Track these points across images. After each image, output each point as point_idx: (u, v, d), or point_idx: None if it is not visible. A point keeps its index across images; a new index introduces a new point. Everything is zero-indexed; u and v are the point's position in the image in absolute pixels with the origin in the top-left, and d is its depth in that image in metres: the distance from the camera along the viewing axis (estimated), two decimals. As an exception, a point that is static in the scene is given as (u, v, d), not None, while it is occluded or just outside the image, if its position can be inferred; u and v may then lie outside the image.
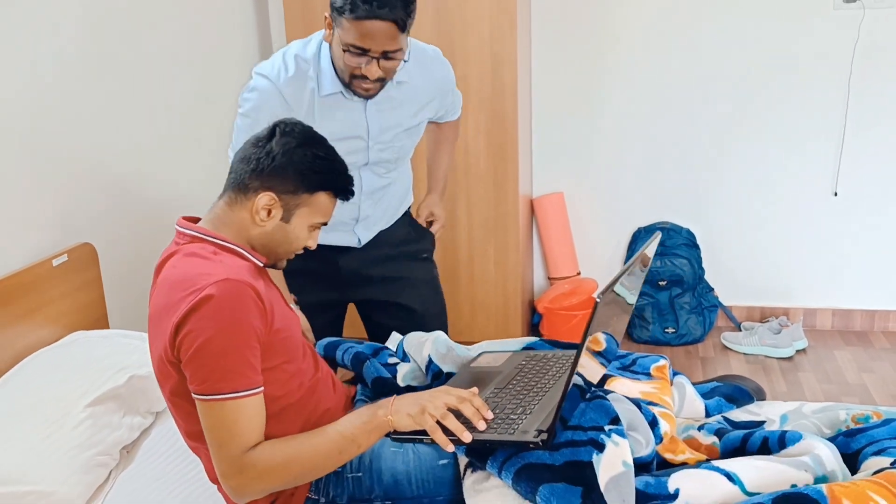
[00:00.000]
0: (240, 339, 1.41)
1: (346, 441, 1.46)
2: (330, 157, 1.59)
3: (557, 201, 3.85)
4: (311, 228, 1.61)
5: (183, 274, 1.47)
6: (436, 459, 1.52)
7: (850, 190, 3.64)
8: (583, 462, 1.41)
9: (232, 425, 1.41)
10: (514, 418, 1.50)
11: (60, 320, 2.19)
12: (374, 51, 1.84)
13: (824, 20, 3.48)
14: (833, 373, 3.42)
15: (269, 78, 1.98)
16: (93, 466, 1.74)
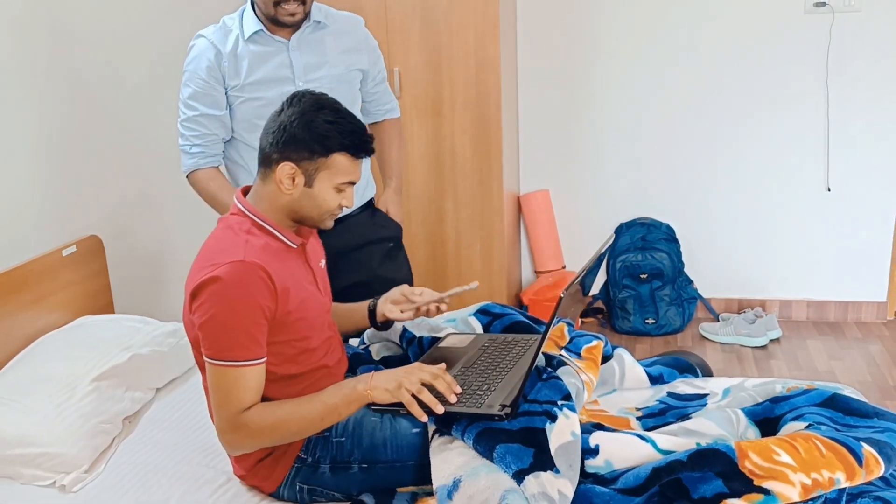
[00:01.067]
0: (244, 316, 1.60)
1: (328, 409, 1.66)
2: (340, 120, 1.69)
3: (543, 198, 4.03)
4: (337, 189, 1.72)
5: (210, 248, 1.68)
6: (409, 428, 1.71)
7: (828, 186, 3.79)
8: (537, 429, 1.59)
9: (231, 389, 1.61)
10: (479, 394, 1.69)
11: (69, 306, 2.39)
12: None
13: (796, 24, 3.65)
14: (804, 361, 3.59)
15: (203, 34, 2.27)
16: (97, 433, 1.94)
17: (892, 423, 1.69)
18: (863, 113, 3.68)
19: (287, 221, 1.76)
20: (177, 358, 2.30)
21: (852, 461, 1.53)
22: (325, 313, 1.85)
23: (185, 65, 2.26)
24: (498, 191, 3.59)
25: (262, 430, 1.63)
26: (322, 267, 1.93)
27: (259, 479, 1.77)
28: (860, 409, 1.74)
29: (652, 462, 1.57)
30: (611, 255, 4.02)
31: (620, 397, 2.04)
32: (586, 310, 4.12)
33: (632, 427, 1.86)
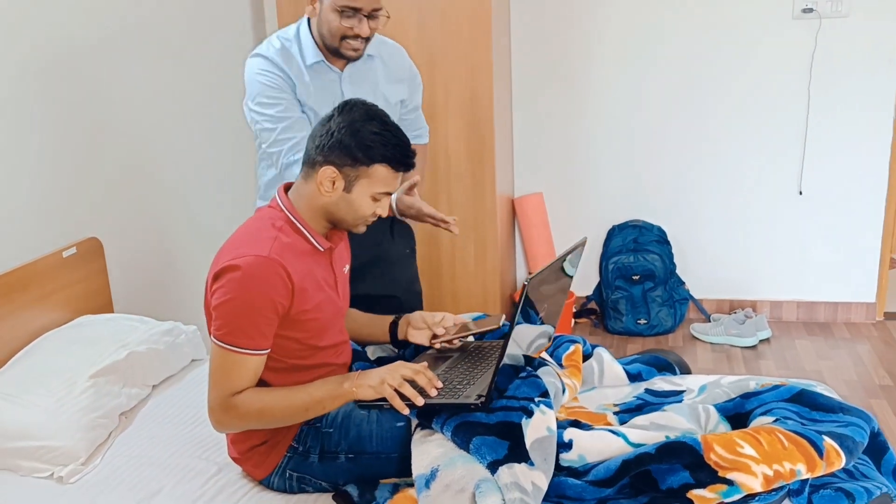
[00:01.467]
0: (256, 308, 1.69)
1: (314, 402, 1.75)
2: (385, 132, 1.76)
3: (537, 201, 4.10)
4: (374, 198, 1.80)
5: (241, 236, 1.78)
6: (393, 422, 1.78)
7: (814, 189, 3.86)
8: (513, 423, 1.66)
9: (229, 371, 1.71)
10: (460, 388, 1.77)
11: (69, 305, 2.47)
12: (365, 9, 2.18)
13: (783, 29, 3.71)
14: (792, 360, 3.65)
15: (264, 55, 2.28)
16: (94, 427, 2.02)
17: (856, 417, 1.76)
18: (847, 118, 3.74)
19: (321, 222, 1.84)
20: (173, 356, 2.38)
21: (813, 453, 1.60)
22: (339, 317, 1.94)
23: (252, 93, 2.25)
24: (491, 193, 3.66)
25: (250, 414, 1.72)
26: (346, 272, 2.01)
27: (251, 464, 1.85)
28: (826, 405, 1.81)
29: (622, 455, 1.64)
30: (603, 256, 4.09)
31: (599, 394, 2.11)
32: (580, 311, 4.19)
33: (609, 422, 1.93)
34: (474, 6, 3.44)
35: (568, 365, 2.08)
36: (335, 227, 1.86)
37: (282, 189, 1.87)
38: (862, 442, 1.70)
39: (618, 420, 1.94)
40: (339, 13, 2.17)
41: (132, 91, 2.91)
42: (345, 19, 2.17)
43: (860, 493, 1.62)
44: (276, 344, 1.77)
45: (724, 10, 3.75)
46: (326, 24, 2.21)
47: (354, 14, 2.17)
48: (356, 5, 2.16)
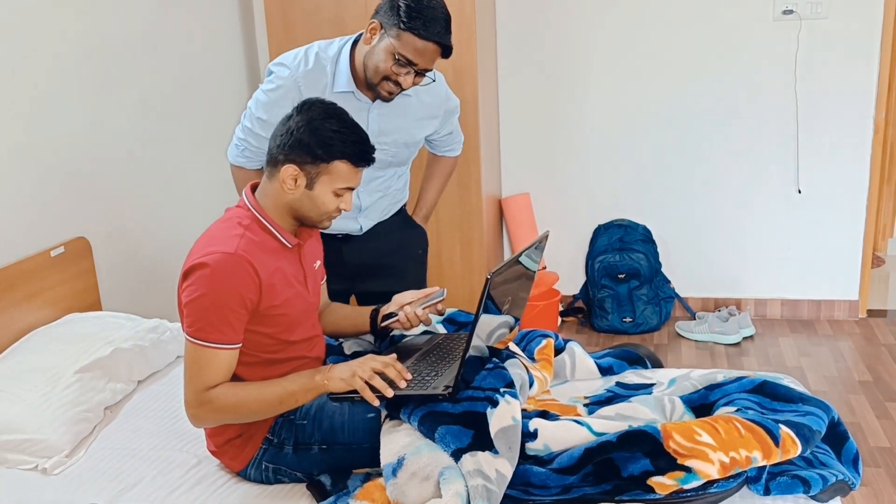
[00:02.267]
0: (225, 303, 1.74)
1: (287, 395, 1.80)
2: (344, 129, 1.80)
3: (524, 201, 4.16)
4: (336, 194, 1.84)
5: (210, 235, 1.82)
6: (364, 413, 1.83)
7: (803, 188, 3.91)
8: (478, 413, 1.71)
9: (203, 366, 1.76)
10: (428, 379, 1.82)
11: (58, 304, 2.53)
12: (420, 66, 2.16)
13: (765, 31, 3.77)
14: (774, 357, 3.70)
15: (289, 67, 2.28)
16: (79, 420, 2.07)
17: (815, 407, 1.81)
18: (830, 117, 3.80)
19: (288, 219, 1.89)
20: (158, 352, 2.43)
21: (769, 441, 1.65)
22: (310, 312, 1.98)
23: (267, 91, 2.28)
24: (477, 193, 3.71)
25: (225, 408, 1.77)
26: (316, 268, 2.05)
27: (228, 457, 1.90)
28: (786, 395, 1.86)
29: (586, 443, 1.69)
30: (589, 255, 4.14)
31: (571, 387, 2.16)
32: (567, 309, 4.24)
33: (579, 413, 1.98)
34: (458, 8, 3.49)
35: (540, 359, 2.13)
36: (301, 222, 1.91)
37: (248, 189, 1.92)
38: (819, 431, 1.74)
39: (587, 412, 1.99)
40: (392, 58, 2.13)
41: (121, 90, 2.97)
42: (396, 66, 2.14)
43: (815, 479, 1.67)
44: (248, 339, 1.83)
45: (705, 11, 3.81)
46: (375, 61, 2.17)
47: (407, 66, 2.14)
48: (415, 60, 2.13)
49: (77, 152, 2.75)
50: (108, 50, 2.92)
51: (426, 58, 2.14)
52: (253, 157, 2.40)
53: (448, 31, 2.15)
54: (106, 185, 2.88)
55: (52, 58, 2.64)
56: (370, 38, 2.19)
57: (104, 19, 2.89)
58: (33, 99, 2.56)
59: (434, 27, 2.10)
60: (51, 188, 2.61)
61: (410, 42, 2.11)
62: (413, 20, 2.09)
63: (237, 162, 2.43)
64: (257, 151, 2.38)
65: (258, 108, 2.32)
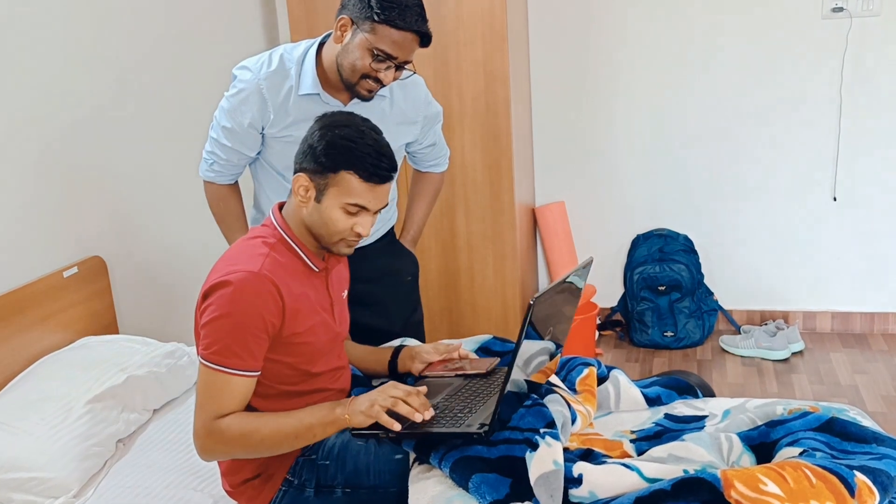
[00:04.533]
0: (245, 326, 1.60)
1: (304, 428, 1.65)
2: (358, 139, 1.65)
3: (559, 210, 3.99)
4: (345, 211, 1.68)
5: (233, 253, 1.70)
6: (391, 454, 1.68)
7: (847, 194, 3.71)
8: (516, 457, 1.55)
9: (215, 393, 1.62)
10: (461, 416, 1.66)
11: (72, 326, 2.41)
12: (400, 59, 2.02)
13: (812, 30, 3.57)
14: (826, 374, 3.50)
15: (252, 70, 2.14)
16: (89, 456, 1.95)
17: (891, 448, 1.63)
18: (877, 120, 3.59)
19: (311, 241, 1.76)
20: (174, 379, 2.30)
21: (844, 491, 1.47)
22: (336, 343, 1.84)
23: (229, 96, 2.17)
24: (510, 204, 3.56)
25: (235, 439, 1.62)
26: (344, 297, 1.92)
27: (245, 498, 1.76)
28: (858, 434, 1.68)
29: (635, 491, 1.53)
30: (627, 266, 3.97)
31: (616, 419, 1.99)
32: (605, 322, 4.06)
33: (625, 451, 1.82)
34: (490, 14, 3.35)
35: (582, 390, 1.97)
36: (319, 243, 1.76)
37: (276, 207, 1.79)
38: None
39: (634, 449, 1.82)
40: (370, 54, 2.00)
41: (140, 105, 2.86)
42: (375, 62, 2.01)
43: (895, 533, 1.50)
44: (267, 368, 1.69)
45: (751, 11, 3.62)
46: (351, 59, 2.03)
47: (386, 60, 2.01)
48: (394, 53, 2.00)
49: (93, 168, 2.64)
50: (127, 59, 2.80)
51: (405, 49, 2.01)
52: (223, 171, 2.26)
53: (424, 18, 2.01)
54: (124, 202, 2.77)
55: (66, 69, 2.53)
56: (341, 36, 2.04)
57: (121, 29, 2.78)
58: (46, 112, 2.45)
59: (409, 15, 1.97)
60: (65, 205, 2.50)
61: (387, 34, 1.97)
62: (387, 11, 1.95)
63: (207, 177, 2.29)
64: (227, 164, 2.24)
65: (222, 116, 2.19)
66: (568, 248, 3.99)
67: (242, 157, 2.24)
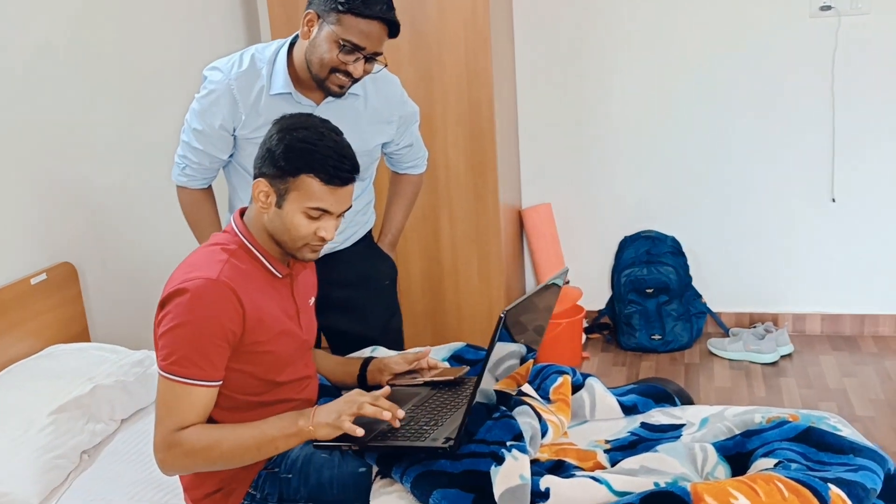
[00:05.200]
0: (204, 334, 1.56)
1: (266, 440, 1.60)
2: (318, 141, 1.61)
3: (545, 212, 3.94)
4: (307, 215, 1.63)
5: (192, 261, 1.65)
6: (356, 467, 1.64)
7: (841, 196, 3.66)
8: (480, 472, 1.51)
9: (175, 404, 1.57)
10: (427, 429, 1.62)
11: (41, 334, 2.36)
12: (368, 50, 1.98)
13: (801, 29, 3.52)
14: (815, 378, 3.45)
15: (222, 71, 2.10)
16: (50, 469, 1.90)
17: (868, 460, 1.59)
18: (870, 119, 3.54)
19: (275, 247, 1.71)
20: (143, 388, 2.25)
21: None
22: (302, 351, 1.80)
23: (199, 97, 2.13)
24: (494, 205, 3.51)
25: (195, 452, 1.57)
26: (311, 304, 1.87)
27: None
28: (835, 445, 1.64)
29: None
30: (615, 269, 3.92)
31: (592, 428, 1.94)
32: (592, 326, 4.02)
33: (599, 462, 1.77)
34: (472, 13, 3.30)
35: (556, 398, 1.92)
36: (282, 248, 1.71)
37: (237, 213, 1.74)
38: (874, 489, 1.52)
39: (608, 459, 1.78)
40: (337, 46, 1.95)
41: (114, 108, 2.80)
42: (342, 54, 1.96)
43: (871, 547, 1.45)
44: (230, 378, 1.64)
45: (737, 9, 3.57)
46: (319, 53, 1.99)
47: (354, 51, 1.96)
48: (360, 43, 1.95)
49: (65, 173, 2.59)
50: (101, 61, 2.75)
51: (373, 39, 1.97)
52: (195, 175, 2.22)
53: (391, 7, 1.97)
54: (98, 208, 2.72)
55: (37, 71, 2.48)
56: (308, 32, 2.01)
57: (96, 32, 2.73)
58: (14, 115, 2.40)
59: (376, 4, 1.93)
60: (36, 211, 2.45)
61: (353, 24, 1.94)
62: (351, 0, 1.92)
63: (179, 182, 2.25)
64: (199, 168, 2.20)
65: (192, 119, 2.15)
66: (555, 250, 3.95)
67: (215, 161, 2.20)
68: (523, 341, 1.77)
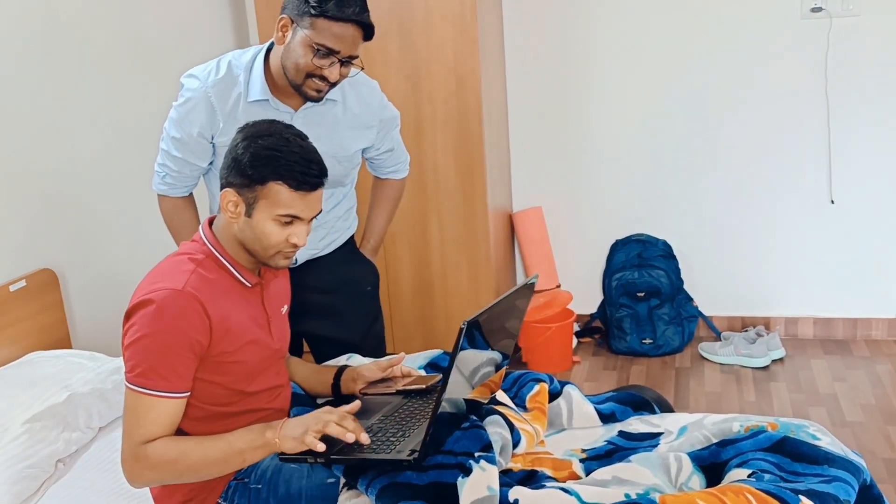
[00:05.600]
0: (170, 345, 1.54)
1: (233, 452, 1.59)
2: (283, 147, 1.60)
3: (536, 215, 3.92)
4: (278, 222, 1.62)
5: (158, 272, 1.64)
6: (324, 478, 1.62)
7: (836, 198, 3.63)
8: (446, 483, 1.49)
9: (141, 416, 1.55)
10: (393, 441, 1.60)
11: (20, 341, 2.36)
12: (343, 53, 1.96)
13: (792, 30, 3.50)
14: (806, 382, 3.43)
15: (199, 78, 2.09)
16: (21, 479, 1.88)
17: (842, 470, 1.57)
18: (865, 121, 3.52)
19: (245, 256, 1.69)
20: (121, 396, 2.21)
21: (787, 517, 1.41)
22: (273, 360, 1.78)
23: (177, 105, 2.12)
24: (483, 209, 3.49)
25: (162, 464, 1.56)
26: (283, 313, 1.85)
27: None
28: (810, 455, 1.62)
29: (572, 517, 1.46)
30: (606, 272, 3.90)
31: (569, 437, 1.92)
32: (583, 329, 4.00)
33: (573, 471, 1.75)
34: (460, 16, 3.28)
35: (532, 407, 1.90)
36: (254, 257, 1.70)
37: (206, 223, 1.73)
38: (847, 500, 1.50)
39: (583, 468, 1.76)
40: (312, 50, 1.94)
41: (98, 112, 2.79)
42: (317, 58, 1.95)
43: (844, 560, 1.43)
44: (198, 389, 1.63)
45: (728, 11, 3.55)
46: (294, 58, 1.98)
47: (329, 55, 1.95)
48: (334, 47, 1.94)
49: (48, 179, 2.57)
50: (86, 65, 2.74)
51: (347, 42, 1.95)
52: (175, 184, 2.21)
53: (365, 9, 1.96)
54: (80, 214, 2.71)
55: (18, 74, 2.47)
56: (283, 37, 2.00)
57: (80, 34, 2.71)
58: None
59: (348, 6, 1.92)
60: (18, 216, 2.44)
61: (326, 28, 1.92)
62: (323, 3, 1.90)
63: (159, 190, 2.24)
64: (178, 176, 2.19)
65: (171, 127, 2.13)
66: (546, 253, 3.93)
67: (194, 168, 2.18)
68: (497, 349, 1.76)
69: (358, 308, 2.43)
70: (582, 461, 1.79)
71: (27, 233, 2.49)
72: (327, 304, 2.34)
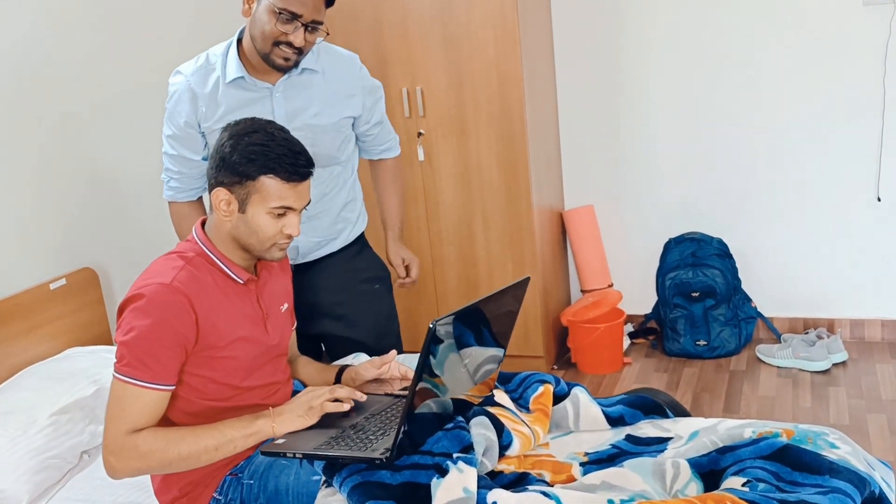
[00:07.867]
0: (156, 338, 1.59)
1: (224, 440, 1.63)
2: (269, 142, 1.64)
3: (588, 214, 3.86)
4: (271, 215, 1.66)
5: (150, 269, 1.70)
6: (310, 475, 1.65)
7: (893, 194, 3.46)
8: (419, 484, 1.48)
9: (126, 406, 1.60)
10: (371, 440, 1.60)
11: (60, 338, 2.46)
12: (305, 17, 2.01)
13: (853, 19, 3.34)
14: (868, 388, 3.26)
15: (182, 72, 2.19)
16: (43, 468, 1.96)
17: (845, 482, 1.49)
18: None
19: (238, 252, 1.74)
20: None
21: (770, 529, 1.35)
22: (270, 357, 1.80)
23: (166, 102, 2.22)
24: (527, 207, 3.46)
25: (151, 453, 1.58)
26: (283, 311, 1.88)
27: None
28: (812, 464, 1.54)
29: (549, 523, 1.43)
30: (659, 272, 3.80)
31: (575, 440, 1.89)
32: (637, 330, 3.91)
33: (573, 474, 1.72)
34: (501, 15, 3.26)
35: (535, 408, 1.87)
36: (248, 253, 1.73)
37: (199, 224, 1.77)
38: (844, 512, 1.42)
39: (582, 472, 1.72)
40: (275, 15, 1.99)
41: (135, 110, 2.87)
42: (280, 23, 2.00)
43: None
44: (189, 383, 1.67)
45: (786, 3, 3.41)
46: (260, 26, 2.03)
47: (292, 20, 1.99)
48: (297, 11, 1.98)
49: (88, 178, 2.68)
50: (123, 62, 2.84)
51: (309, 6, 2.00)
52: (181, 187, 2.26)
53: None
54: (123, 209, 2.81)
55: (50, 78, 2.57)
56: (249, 9, 2.06)
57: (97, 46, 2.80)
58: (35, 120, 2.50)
59: None
60: (57, 216, 2.55)
61: None
62: None
63: (168, 196, 2.29)
64: (181, 177, 2.24)
65: (165, 125, 2.22)
66: (598, 253, 3.86)
67: (193, 165, 2.23)
68: (488, 348, 1.74)
69: (368, 307, 2.42)
70: (583, 465, 1.75)
71: (68, 232, 2.59)
72: (337, 304, 2.36)
